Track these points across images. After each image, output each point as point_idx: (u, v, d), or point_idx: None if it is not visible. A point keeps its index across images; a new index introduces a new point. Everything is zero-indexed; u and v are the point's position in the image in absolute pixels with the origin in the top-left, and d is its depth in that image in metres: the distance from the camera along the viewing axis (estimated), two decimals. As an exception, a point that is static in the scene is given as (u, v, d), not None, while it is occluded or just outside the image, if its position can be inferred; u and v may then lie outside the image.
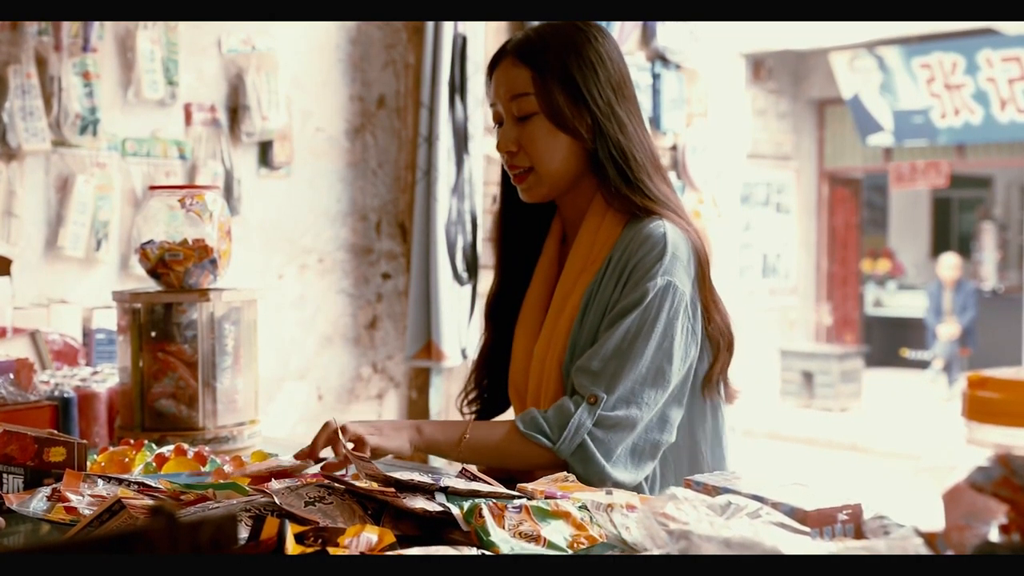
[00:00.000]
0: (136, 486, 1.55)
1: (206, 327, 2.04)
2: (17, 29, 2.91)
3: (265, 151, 3.49)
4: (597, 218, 1.73)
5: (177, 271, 2.07)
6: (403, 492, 1.35)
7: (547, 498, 1.38)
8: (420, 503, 1.33)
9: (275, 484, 1.45)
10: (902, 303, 12.06)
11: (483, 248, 3.86)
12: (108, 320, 2.93)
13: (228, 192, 3.35)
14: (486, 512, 1.29)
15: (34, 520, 1.50)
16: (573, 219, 1.79)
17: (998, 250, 12.56)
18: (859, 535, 1.19)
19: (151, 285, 2.14)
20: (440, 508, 1.32)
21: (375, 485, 1.38)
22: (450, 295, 3.71)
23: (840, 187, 10.47)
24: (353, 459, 1.49)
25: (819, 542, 1.14)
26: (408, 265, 3.84)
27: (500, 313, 1.87)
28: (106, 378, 2.30)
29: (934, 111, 8.91)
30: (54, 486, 1.59)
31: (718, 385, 1.75)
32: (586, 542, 1.28)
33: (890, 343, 11.88)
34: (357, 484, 1.39)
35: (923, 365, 10.73)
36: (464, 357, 3.75)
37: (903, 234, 14.29)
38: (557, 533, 1.29)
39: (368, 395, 3.85)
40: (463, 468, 1.50)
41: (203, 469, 1.74)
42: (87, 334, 2.97)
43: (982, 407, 1.05)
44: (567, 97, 1.69)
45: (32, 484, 1.61)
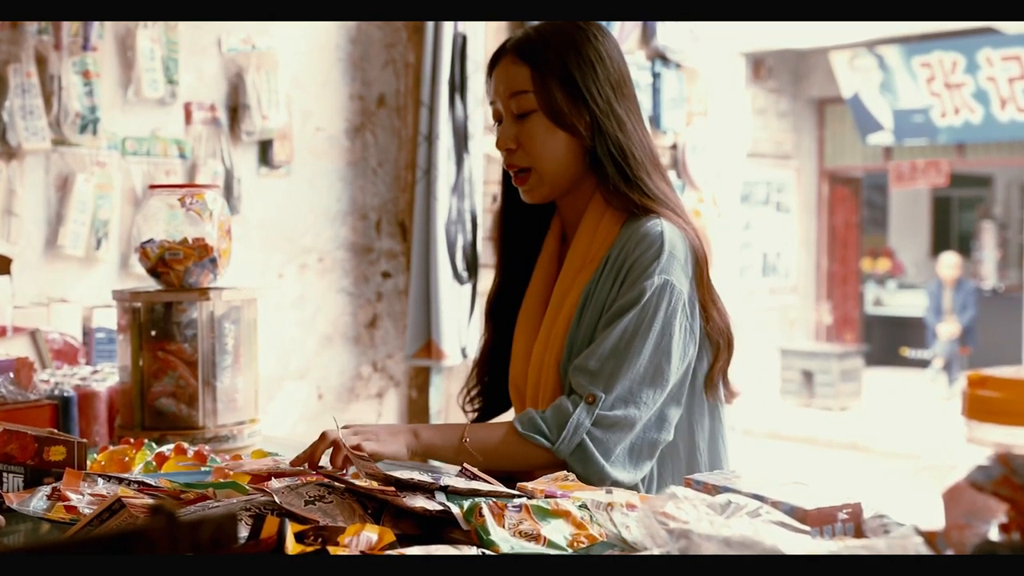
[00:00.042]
0: (136, 485, 1.55)
1: (206, 326, 2.04)
2: (17, 28, 2.91)
3: (265, 150, 3.49)
4: (596, 217, 1.73)
5: (177, 270, 2.07)
6: (403, 491, 1.35)
7: (547, 497, 1.38)
8: (420, 502, 1.32)
9: (275, 483, 1.45)
10: (902, 302, 12.05)
11: (483, 247, 3.86)
12: (108, 319, 2.94)
13: (228, 191, 3.35)
14: (486, 511, 1.29)
15: (34, 519, 1.50)
16: (573, 219, 1.79)
17: (998, 249, 12.56)
18: (859, 534, 1.19)
19: (151, 284, 2.14)
20: (440, 507, 1.32)
21: (375, 484, 1.38)
22: (450, 294, 3.71)
23: (840, 186, 10.47)
24: (353, 458, 1.49)
25: (819, 541, 1.14)
26: (408, 264, 3.84)
27: (500, 312, 1.87)
28: (106, 377, 2.30)
29: (934, 110, 8.91)
30: (54, 485, 1.59)
31: (717, 385, 1.74)
32: (586, 541, 1.28)
33: (890, 342, 11.88)
34: (357, 483, 1.39)
35: (923, 364, 10.73)
36: (464, 356, 3.75)
37: (903, 233, 14.28)
38: (557, 532, 1.29)
39: (368, 394, 3.85)
40: (463, 467, 1.50)
41: (203, 468, 1.74)
42: (87, 333, 2.97)
43: (982, 406, 1.05)
44: (566, 95, 1.69)
45: (32, 483, 1.61)
